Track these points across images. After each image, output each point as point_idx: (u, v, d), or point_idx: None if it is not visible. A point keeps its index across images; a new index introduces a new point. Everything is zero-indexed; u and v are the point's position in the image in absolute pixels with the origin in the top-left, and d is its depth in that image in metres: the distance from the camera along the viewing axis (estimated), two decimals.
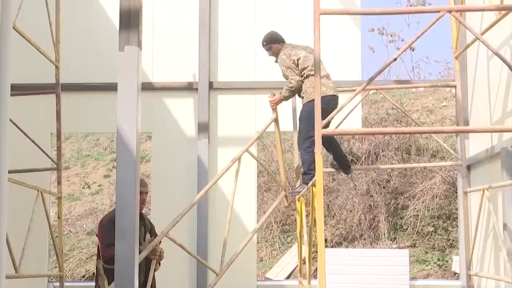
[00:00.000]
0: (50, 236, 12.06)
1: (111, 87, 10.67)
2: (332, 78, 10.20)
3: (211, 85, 13.22)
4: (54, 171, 12.68)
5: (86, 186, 25.87)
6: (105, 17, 13.43)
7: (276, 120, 10.44)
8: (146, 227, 8.33)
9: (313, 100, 9.45)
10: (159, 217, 13.24)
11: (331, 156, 10.51)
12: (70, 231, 22.96)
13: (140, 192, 8.29)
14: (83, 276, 20.76)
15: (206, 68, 13.18)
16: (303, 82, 9.88)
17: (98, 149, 28.08)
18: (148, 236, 8.22)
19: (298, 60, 9.79)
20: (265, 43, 10.49)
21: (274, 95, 10.32)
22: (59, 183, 12.15)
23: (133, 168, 9.67)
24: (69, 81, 12.87)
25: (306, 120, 9.67)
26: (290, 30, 11.07)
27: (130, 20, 9.80)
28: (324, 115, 7.32)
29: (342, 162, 10.43)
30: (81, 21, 13.52)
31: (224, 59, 13.43)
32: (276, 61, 10.39)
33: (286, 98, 10.24)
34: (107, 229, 7.82)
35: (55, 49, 11.97)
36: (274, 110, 10.48)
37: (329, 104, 9.26)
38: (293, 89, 9.93)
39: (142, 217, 8.33)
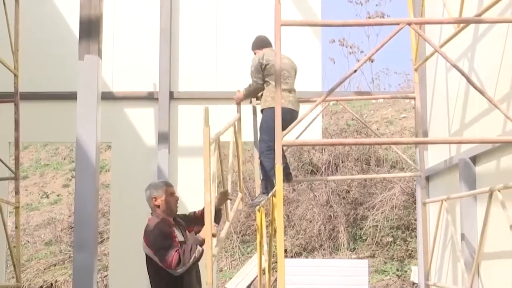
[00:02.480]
0: (8, 246, 11.92)
1: (71, 96, 10.64)
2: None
3: (171, 95, 13.19)
4: (11, 181, 12.54)
5: (45, 196, 25.68)
6: (65, 26, 13.35)
7: (239, 119, 10.43)
8: (183, 227, 7.82)
9: (270, 108, 9.52)
10: (118, 227, 13.18)
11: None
12: (28, 241, 22.78)
13: (172, 193, 7.85)
14: (41, 287, 20.61)
15: (167, 77, 13.14)
16: (263, 87, 9.89)
17: (57, 158, 27.90)
18: (187, 233, 7.73)
19: (266, 65, 9.79)
20: (252, 48, 10.49)
21: (239, 91, 10.34)
22: (17, 192, 12.02)
23: (93, 177, 9.63)
24: (28, 90, 12.77)
25: (266, 130, 9.67)
26: (251, 40, 11.07)
27: (90, 29, 9.78)
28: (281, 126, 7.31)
29: (284, 170, 10.37)
30: (40, 30, 13.42)
31: (185, 69, 13.40)
32: None
33: (246, 96, 10.29)
34: (155, 242, 7.31)
35: (14, 58, 11.85)
36: (239, 107, 10.49)
37: (285, 116, 9.24)
38: (250, 90, 9.97)
39: (177, 222, 7.71)
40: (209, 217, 7.12)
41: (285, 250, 19.11)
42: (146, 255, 7.44)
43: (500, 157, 8.11)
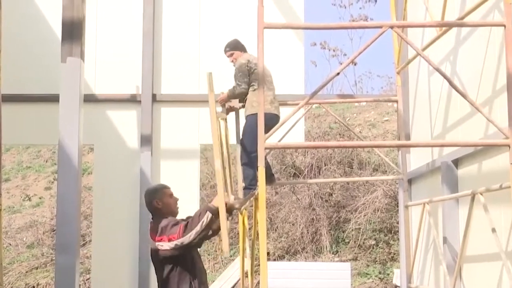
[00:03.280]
0: None
1: (53, 99, 10.58)
2: (276, 92, 10.22)
3: (154, 98, 13.17)
4: None
5: (27, 199, 25.56)
6: (47, 28, 13.29)
7: (225, 120, 10.44)
8: None
9: (256, 114, 9.48)
10: (100, 230, 13.14)
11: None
12: (10, 244, 22.64)
13: (171, 194, 7.71)
14: None
15: (149, 80, 13.12)
16: (247, 91, 9.87)
17: (39, 161, 27.78)
18: None
19: (254, 70, 9.76)
20: (228, 49, 10.43)
21: (223, 93, 10.33)
22: None
23: (75, 180, 9.59)
24: (10, 92, 12.70)
25: (250, 135, 9.62)
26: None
27: (72, 32, 9.73)
28: (266, 131, 7.31)
29: (266, 172, 10.28)
30: (22, 32, 13.35)
31: (168, 71, 13.38)
32: (234, 65, 10.37)
33: (230, 98, 10.25)
34: (163, 226, 7.24)
35: None
36: (223, 108, 10.49)
37: (271, 121, 9.26)
38: (235, 93, 9.92)
39: None
40: (221, 185, 7.16)
41: (268, 253, 19.10)
42: (154, 254, 7.40)
43: (482, 160, 8.14)
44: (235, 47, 10.41)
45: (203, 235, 7.28)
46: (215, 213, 7.27)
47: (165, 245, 7.15)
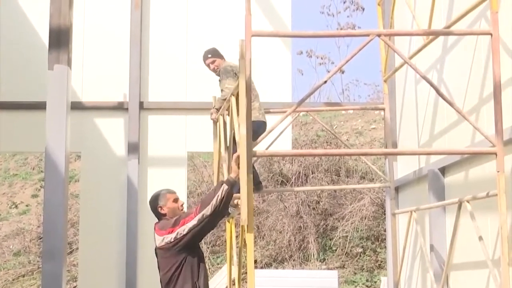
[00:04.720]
0: None
1: (40, 106, 10.55)
2: (263, 100, 10.21)
3: (141, 105, 13.14)
4: None
5: (13, 206, 25.47)
6: (34, 35, 13.25)
7: (216, 122, 10.45)
8: None
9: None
10: (87, 237, 13.10)
11: None
12: None
13: (176, 199, 7.77)
14: None
15: (137, 88, 13.09)
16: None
17: (26, 168, 27.68)
18: None
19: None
20: (210, 55, 10.39)
21: (214, 97, 10.31)
22: None
23: (62, 188, 9.56)
24: None
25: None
26: (221, 50, 11.09)
27: (60, 39, 9.71)
28: (255, 138, 7.34)
29: (253, 179, 10.21)
30: (9, 39, 13.31)
31: (155, 79, 13.36)
32: (217, 74, 10.32)
33: (219, 105, 10.15)
34: (175, 219, 7.31)
35: None
36: (215, 114, 10.47)
37: (260, 128, 9.28)
38: (224, 98, 9.79)
39: None
40: (244, 143, 7.18)
41: (255, 261, 19.08)
42: (161, 252, 7.42)
43: (469, 168, 8.16)
44: (217, 54, 10.39)
45: (224, 205, 7.31)
46: (232, 184, 7.30)
47: (179, 232, 7.14)
